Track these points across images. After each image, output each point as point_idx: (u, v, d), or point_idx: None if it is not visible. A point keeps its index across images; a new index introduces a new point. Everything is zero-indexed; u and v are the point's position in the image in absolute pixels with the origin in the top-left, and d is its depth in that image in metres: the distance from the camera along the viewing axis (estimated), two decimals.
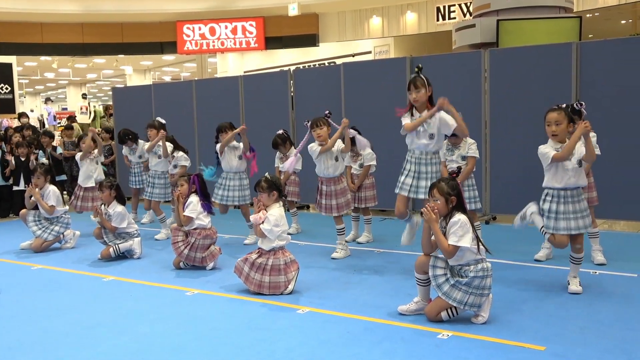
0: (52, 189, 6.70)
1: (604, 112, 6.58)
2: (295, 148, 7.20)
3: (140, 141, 8.20)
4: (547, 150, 4.39)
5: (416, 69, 4.82)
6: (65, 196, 9.72)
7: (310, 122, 5.82)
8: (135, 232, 6.23)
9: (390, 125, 5.31)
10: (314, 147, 5.77)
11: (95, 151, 7.64)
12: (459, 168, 4.27)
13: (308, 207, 9.25)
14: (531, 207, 4.64)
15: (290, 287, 4.70)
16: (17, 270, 5.88)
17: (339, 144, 5.72)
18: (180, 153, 7.36)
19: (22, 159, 9.13)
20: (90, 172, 7.55)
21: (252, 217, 4.78)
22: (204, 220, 5.56)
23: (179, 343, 3.74)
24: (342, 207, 5.78)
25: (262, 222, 4.69)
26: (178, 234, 5.56)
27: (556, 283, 4.55)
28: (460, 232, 3.80)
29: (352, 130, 5.89)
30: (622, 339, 3.56)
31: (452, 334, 3.69)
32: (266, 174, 4.92)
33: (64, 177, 10.19)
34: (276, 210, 4.77)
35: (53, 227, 6.66)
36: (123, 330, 4.00)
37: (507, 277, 4.71)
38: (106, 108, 13.79)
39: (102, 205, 6.23)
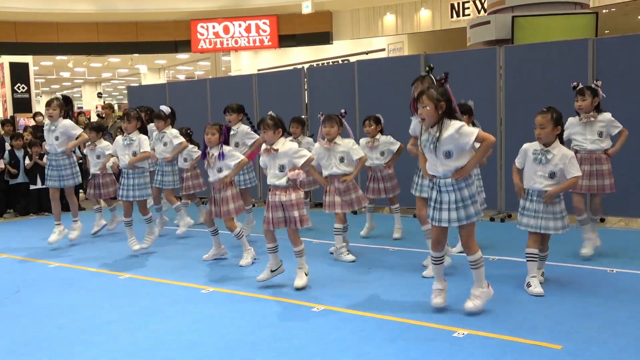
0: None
1: (621, 109, 6.49)
2: (311, 137, 7.24)
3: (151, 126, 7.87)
4: (526, 147, 4.57)
5: (427, 69, 4.77)
6: (81, 194, 9.79)
7: (322, 117, 5.78)
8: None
9: (404, 122, 5.29)
10: (316, 145, 5.78)
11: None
12: (447, 74, 4.04)
13: (322, 204, 9.21)
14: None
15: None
16: (34, 268, 5.94)
17: (347, 146, 5.63)
18: (191, 146, 7.41)
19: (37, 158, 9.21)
20: (96, 160, 7.41)
21: (290, 175, 4.60)
22: None
23: (192, 340, 3.76)
24: (348, 205, 5.71)
25: (296, 172, 4.59)
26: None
27: (572, 281, 4.51)
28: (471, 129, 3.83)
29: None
30: (639, 337, 3.52)
31: (467, 332, 3.67)
32: (270, 112, 4.80)
33: None
34: (289, 143, 4.69)
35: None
36: (138, 327, 4.03)
37: (522, 275, 4.67)
38: (109, 107, 13.65)
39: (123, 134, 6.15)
